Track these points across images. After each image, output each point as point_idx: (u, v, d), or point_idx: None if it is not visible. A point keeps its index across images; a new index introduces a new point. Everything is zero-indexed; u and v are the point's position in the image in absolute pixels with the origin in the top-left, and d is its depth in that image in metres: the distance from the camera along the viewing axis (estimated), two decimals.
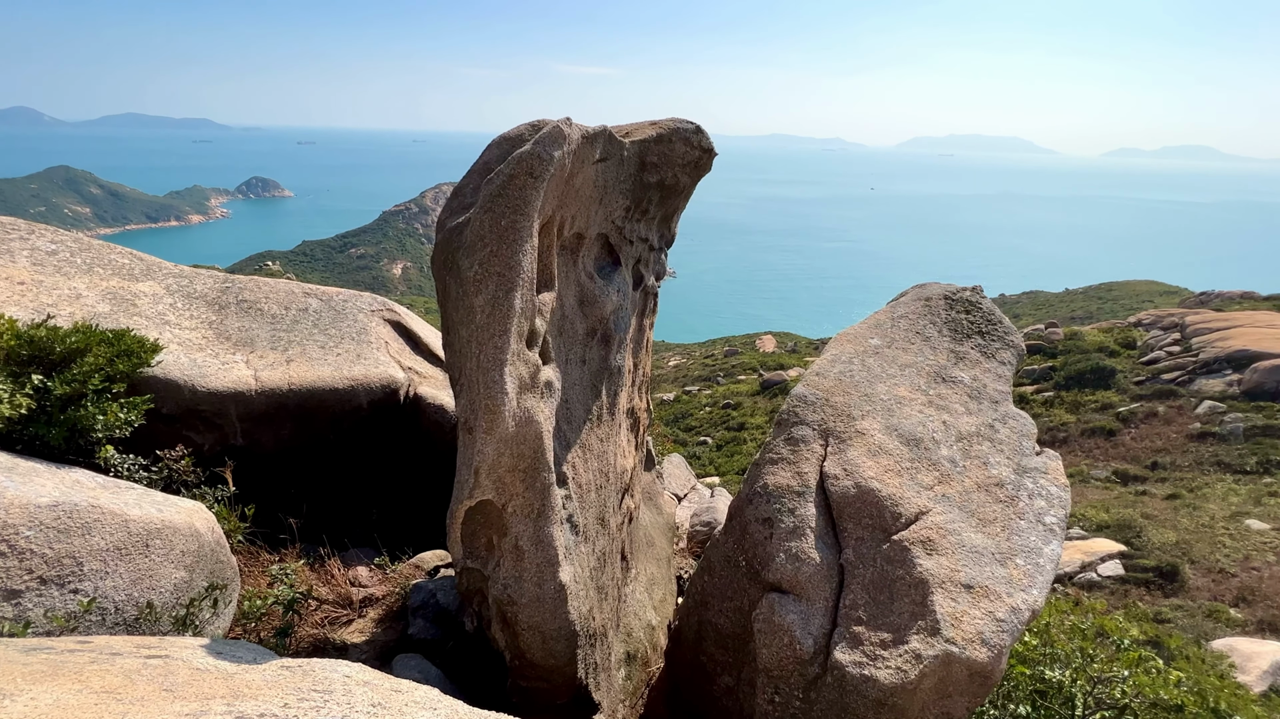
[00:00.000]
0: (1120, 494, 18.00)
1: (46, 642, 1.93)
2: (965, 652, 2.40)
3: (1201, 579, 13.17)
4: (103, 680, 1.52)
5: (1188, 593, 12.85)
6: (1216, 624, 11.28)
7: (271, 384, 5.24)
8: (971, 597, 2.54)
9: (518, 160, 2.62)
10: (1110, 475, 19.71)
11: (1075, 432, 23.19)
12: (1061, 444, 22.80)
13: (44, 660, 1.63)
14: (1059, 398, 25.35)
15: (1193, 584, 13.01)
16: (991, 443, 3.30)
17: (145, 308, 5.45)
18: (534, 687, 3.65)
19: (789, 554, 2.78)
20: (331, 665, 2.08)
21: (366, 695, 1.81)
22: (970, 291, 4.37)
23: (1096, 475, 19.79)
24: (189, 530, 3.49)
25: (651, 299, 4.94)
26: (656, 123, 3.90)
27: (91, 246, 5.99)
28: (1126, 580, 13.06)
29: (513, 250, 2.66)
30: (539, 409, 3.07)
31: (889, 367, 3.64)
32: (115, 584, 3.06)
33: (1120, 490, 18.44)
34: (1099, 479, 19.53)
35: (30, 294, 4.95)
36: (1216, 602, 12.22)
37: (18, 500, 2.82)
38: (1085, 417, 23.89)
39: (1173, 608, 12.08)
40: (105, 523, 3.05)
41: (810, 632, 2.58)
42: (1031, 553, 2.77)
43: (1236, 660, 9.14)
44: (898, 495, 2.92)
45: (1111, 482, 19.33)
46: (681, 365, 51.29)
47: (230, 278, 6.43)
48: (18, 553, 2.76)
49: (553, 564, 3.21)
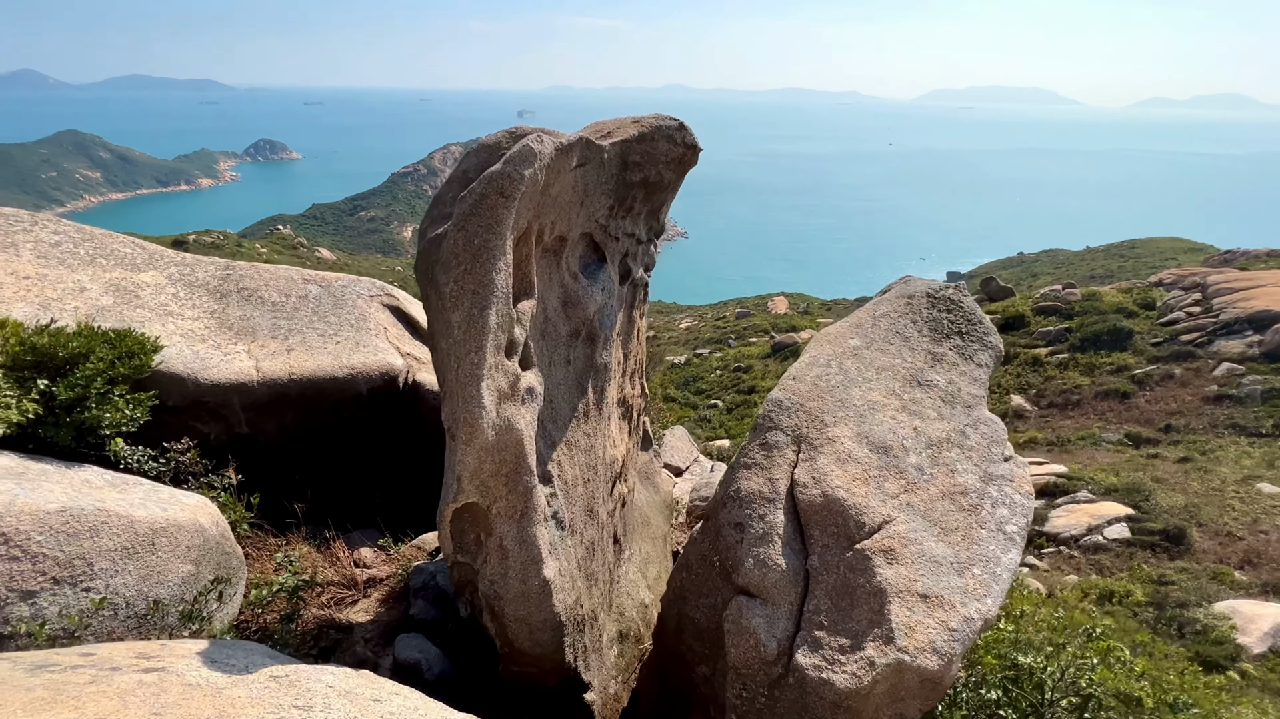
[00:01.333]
0: (1132, 457, 17.99)
1: (53, 656, 2.09)
2: (917, 660, 2.52)
3: (1208, 542, 13.27)
4: (98, 706, 1.67)
5: (1193, 555, 12.97)
6: (1220, 587, 11.41)
7: (273, 374, 5.38)
8: (927, 606, 2.65)
9: (489, 180, 2.65)
10: (1123, 438, 19.67)
11: (1089, 394, 23.06)
12: (1074, 407, 22.72)
13: (46, 683, 1.78)
14: (1074, 360, 25.11)
15: (1199, 547, 13.11)
16: (961, 449, 3.35)
17: (148, 299, 5.57)
18: (524, 671, 3.85)
19: (757, 560, 2.90)
20: (316, 674, 2.23)
21: (344, 710, 1.95)
22: (954, 289, 4.35)
23: (1109, 438, 19.76)
24: (193, 527, 3.67)
25: (641, 290, 4.97)
26: (639, 120, 3.88)
27: (94, 236, 6.09)
28: (1133, 543, 13.19)
29: (486, 269, 2.71)
30: (519, 416, 3.17)
31: (866, 370, 3.68)
32: (125, 581, 3.25)
33: (1132, 453, 18.43)
34: (1111, 442, 19.51)
35: (35, 289, 5.07)
36: (1222, 564, 12.33)
37: (28, 507, 2.98)
38: (1100, 379, 23.69)
39: (1177, 570, 12.22)
40: (112, 525, 3.22)
41: (774, 634, 2.72)
42: (989, 562, 2.85)
43: (1238, 622, 9.30)
44: (863, 504, 3.00)
45: (1124, 444, 19.31)
46: (692, 328, 51.23)
47: (231, 264, 6.53)
48: (30, 557, 2.93)
49: (536, 562, 3.35)
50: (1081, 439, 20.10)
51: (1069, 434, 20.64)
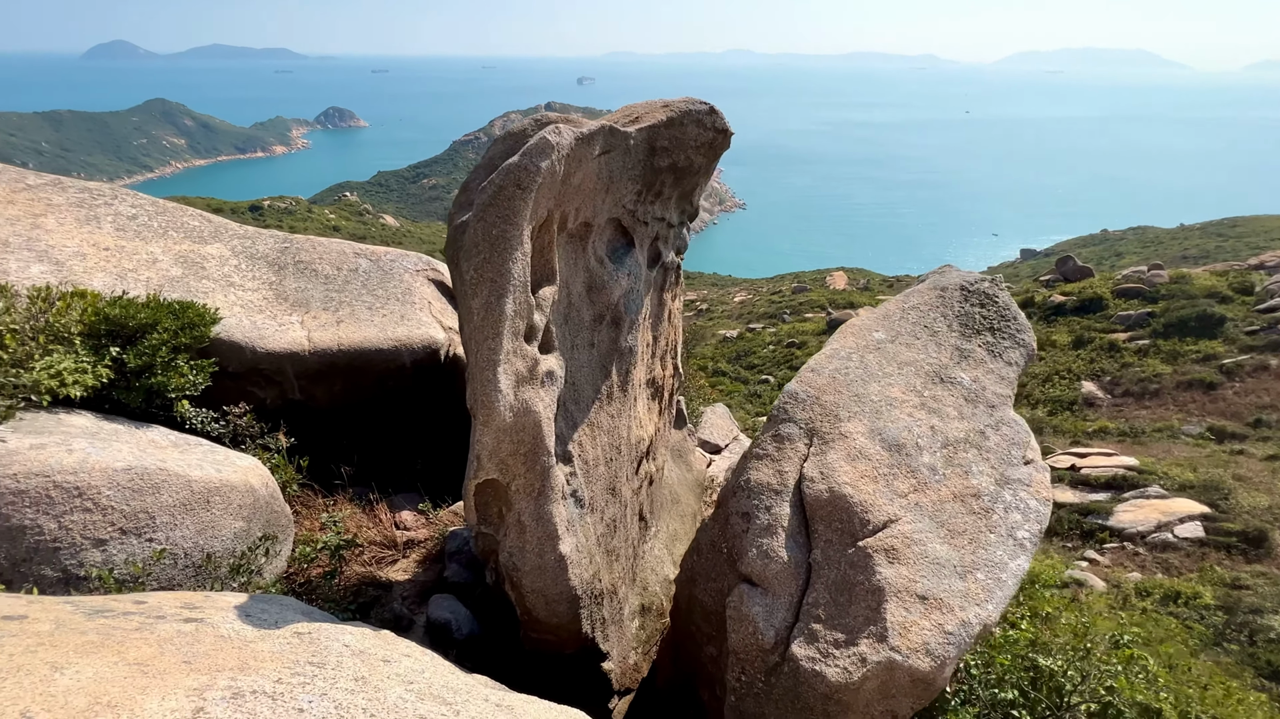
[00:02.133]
0: (1213, 453, 16.92)
1: (110, 602, 2.36)
2: (909, 660, 2.52)
3: None
4: (138, 652, 1.89)
5: (1274, 560, 12.20)
6: None
7: (323, 345, 5.69)
8: (924, 608, 2.63)
9: (506, 172, 2.72)
10: (1204, 432, 18.49)
11: (1169, 384, 21.70)
12: (1152, 396, 21.46)
13: (98, 627, 2.02)
14: (1155, 346, 23.60)
15: None
16: (979, 450, 3.26)
17: (213, 270, 5.95)
18: (543, 638, 4.04)
19: (760, 550, 2.94)
20: (336, 633, 2.44)
21: (354, 668, 2.13)
22: (989, 283, 4.15)
23: (1188, 432, 18.61)
24: (245, 487, 3.98)
25: (673, 273, 4.98)
26: (669, 104, 3.84)
27: (166, 209, 6.51)
28: (1206, 543, 12.50)
29: (503, 258, 2.80)
30: (538, 399, 3.28)
31: (887, 364, 3.60)
32: (183, 534, 3.58)
33: (1213, 449, 17.32)
34: (1190, 436, 18.38)
35: (114, 259, 5.50)
36: None
37: (99, 465, 3.31)
38: (1183, 368, 22.22)
39: (1254, 574, 11.53)
40: (171, 483, 3.54)
41: (773, 624, 2.77)
42: (995, 568, 2.80)
43: None
44: (869, 502, 2.98)
45: (1205, 439, 18.16)
46: (747, 301, 50.54)
47: (290, 238, 6.87)
48: (101, 509, 3.27)
49: (552, 538, 3.49)
50: (1158, 431, 19.00)
51: (1144, 425, 19.53)
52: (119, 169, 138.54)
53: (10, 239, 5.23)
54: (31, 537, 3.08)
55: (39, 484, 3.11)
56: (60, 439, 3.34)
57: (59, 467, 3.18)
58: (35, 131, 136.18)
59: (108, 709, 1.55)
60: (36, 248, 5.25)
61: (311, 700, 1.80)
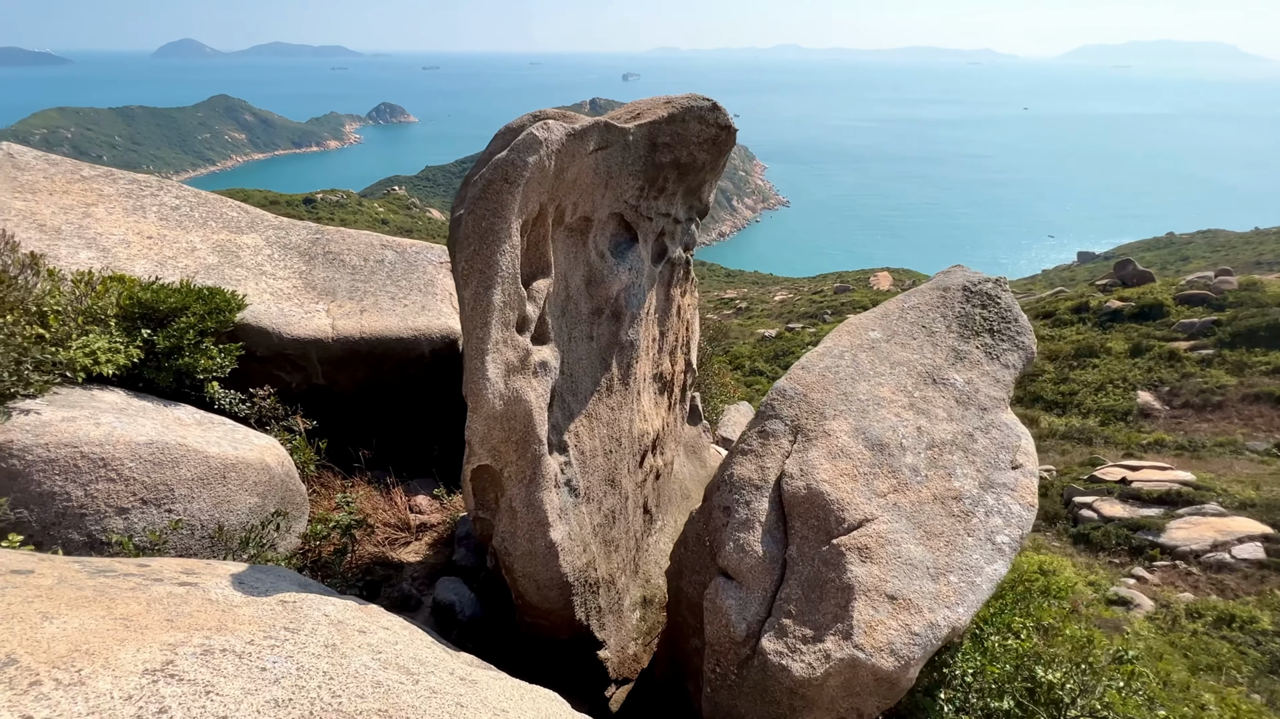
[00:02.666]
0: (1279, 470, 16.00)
1: (115, 564, 2.54)
2: (872, 659, 2.50)
3: None
4: (126, 608, 2.04)
5: None
6: None
7: (346, 332, 5.91)
8: (893, 607, 2.60)
9: (494, 166, 2.80)
10: (1272, 448, 17.48)
11: (1234, 396, 20.58)
12: (1215, 409, 20.39)
13: (96, 585, 2.19)
14: (1220, 356, 22.39)
15: None
16: (965, 453, 3.18)
17: (247, 259, 6.25)
18: (537, 623, 4.14)
19: (736, 544, 2.95)
20: (319, 603, 2.56)
21: (328, 636, 2.25)
22: (993, 284, 4.03)
23: (1253, 448, 17.63)
24: (260, 465, 4.19)
25: (681, 269, 5.01)
26: (671, 100, 3.87)
27: (207, 200, 6.86)
28: (1266, 566, 11.85)
29: (491, 250, 2.88)
30: (529, 388, 3.36)
31: (880, 364, 3.54)
32: (200, 507, 3.80)
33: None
34: (1256, 452, 17.41)
35: (155, 248, 5.83)
36: None
37: (123, 438, 3.54)
38: (1250, 380, 21.04)
39: None
40: (190, 458, 3.76)
41: (745, 617, 2.79)
42: (969, 571, 2.74)
43: None
44: (845, 500, 2.96)
45: (1272, 455, 17.17)
46: (787, 300, 49.96)
47: (321, 229, 7.15)
48: (124, 479, 3.50)
49: (543, 525, 3.57)
50: (1219, 446, 18.07)
51: (1204, 439, 18.59)
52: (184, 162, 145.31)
53: (63, 227, 5.60)
54: (60, 502, 3.32)
55: (68, 454, 3.35)
56: (90, 413, 3.59)
57: (86, 438, 3.42)
58: (110, 126, 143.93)
59: (85, 656, 1.69)
60: (86, 235, 5.61)
61: (276, 661, 1.92)
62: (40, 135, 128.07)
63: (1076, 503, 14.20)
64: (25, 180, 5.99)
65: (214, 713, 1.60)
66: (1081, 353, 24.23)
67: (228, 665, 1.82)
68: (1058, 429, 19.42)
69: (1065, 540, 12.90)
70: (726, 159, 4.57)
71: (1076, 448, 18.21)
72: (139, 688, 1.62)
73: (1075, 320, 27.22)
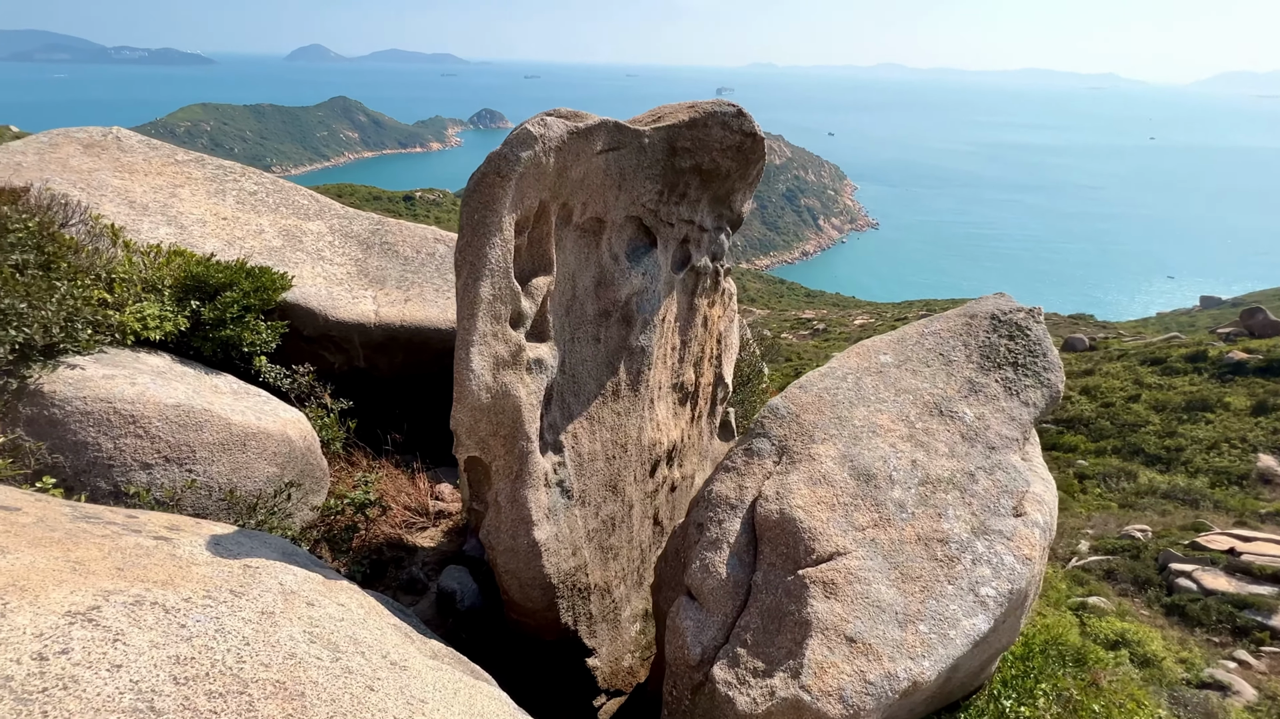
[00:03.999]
0: None
1: (105, 512, 2.71)
2: (817, 703, 2.29)
3: None
4: (83, 553, 2.17)
5: None
6: None
7: (388, 319, 6.15)
8: (849, 651, 2.37)
9: (488, 160, 2.82)
10: None
11: None
12: None
13: (71, 530, 2.34)
14: None
15: None
16: (961, 493, 2.88)
17: (308, 244, 6.63)
18: (522, 620, 4.12)
19: (702, 563, 2.81)
20: (280, 571, 2.64)
21: (268, 604, 2.31)
22: (1025, 314, 3.65)
23: None
24: (281, 436, 4.40)
25: (708, 279, 4.89)
26: (695, 105, 3.79)
27: (283, 188, 7.34)
28: None
29: (482, 243, 2.90)
30: (519, 384, 3.36)
31: (884, 389, 3.28)
32: (219, 470, 4.02)
33: None
34: None
35: (228, 228, 6.28)
36: None
37: (153, 399, 3.80)
38: None
39: None
40: (213, 423, 3.99)
41: (701, 641, 2.64)
42: (943, 622, 2.45)
43: None
44: (819, 530, 2.75)
45: None
46: (868, 325, 48.33)
47: (382, 220, 7.49)
48: (150, 437, 3.75)
49: (526, 523, 3.56)
50: None
51: None
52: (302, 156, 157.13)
53: (150, 204, 6.13)
54: (91, 453, 3.60)
55: (102, 409, 3.63)
56: (129, 373, 3.88)
57: (120, 396, 3.69)
58: (242, 122, 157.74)
59: (18, 591, 1.80)
60: (169, 213, 6.11)
61: (200, 621, 1.98)
62: (184, 128, 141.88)
63: (1173, 569, 12.86)
64: (126, 161, 6.60)
65: (111, 660, 1.66)
66: (1194, 406, 21.99)
67: (149, 618, 1.89)
68: (1159, 486, 17.66)
69: (1156, 610, 11.70)
70: (758, 169, 4.44)
71: (1179, 509, 16.51)
72: (53, 627, 1.70)
73: (1189, 370, 24.80)
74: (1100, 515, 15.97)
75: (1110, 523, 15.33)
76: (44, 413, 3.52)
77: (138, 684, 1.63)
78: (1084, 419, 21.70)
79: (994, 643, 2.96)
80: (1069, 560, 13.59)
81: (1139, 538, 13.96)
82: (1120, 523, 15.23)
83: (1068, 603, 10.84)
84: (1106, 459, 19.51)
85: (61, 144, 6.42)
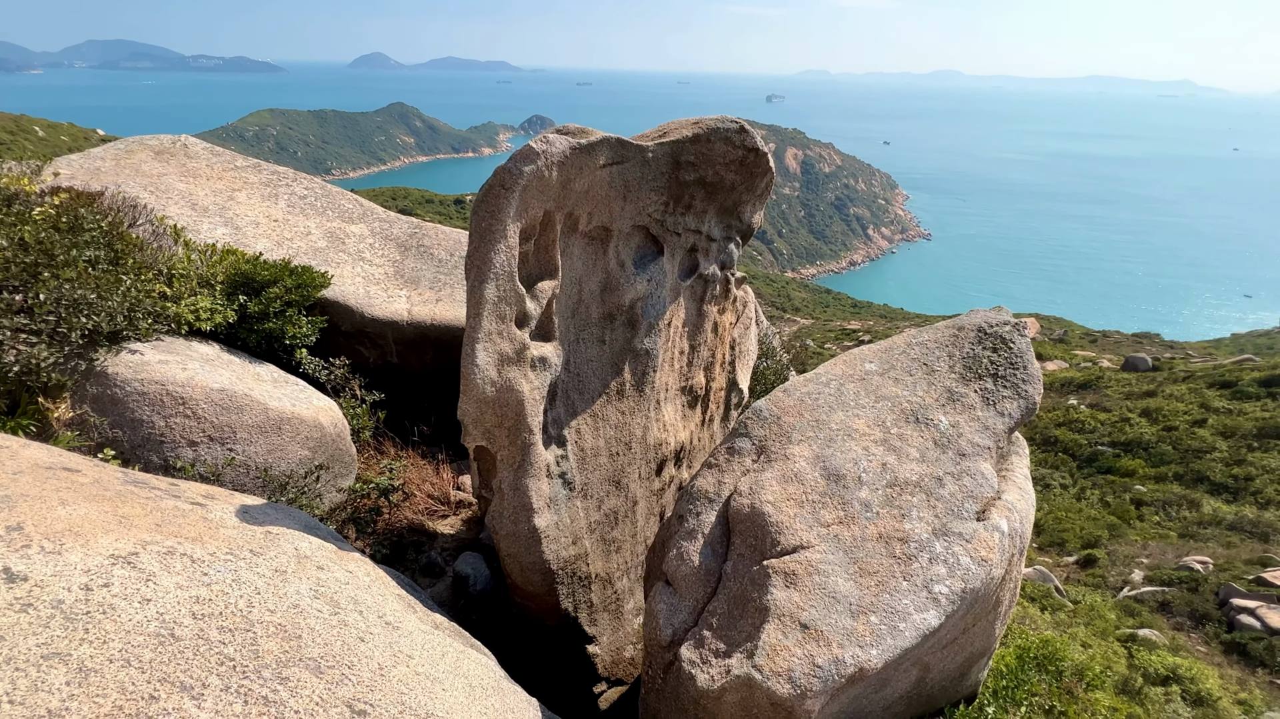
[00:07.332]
0: None
1: (154, 479, 3.08)
2: (768, 682, 2.44)
3: None
4: (129, 510, 2.51)
5: None
6: None
7: (419, 318, 6.54)
8: (802, 636, 2.51)
9: (495, 173, 3.10)
10: None
11: None
12: None
13: (120, 492, 2.70)
14: None
15: None
16: (927, 496, 2.96)
17: (350, 245, 7.09)
18: (524, 603, 4.38)
19: (679, 552, 2.99)
20: (296, 538, 2.95)
21: (282, 563, 2.61)
22: (1010, 327, 3.69)
23: None
24: (313, 423, 4.78)
25: (716, 286, 5.08)
26: (699, 121, 4.00)
27: (330, 193, 7.85)
28: None
29: (488, 248, 3.18)
30: (523, 380, 3.62)
31: (864, 396, 3.40)
32: (256, 450, 4.41)
33: None
34: None
35: (278, 230, 6.78)
36: None
37: (200, 383, 4.21)
38: None
39: None
40: (252, 408, 4.38)
41: (672, 623, 2.82)
42: (893, 614, 2.56)
43: None
44: (785, 524, 2.89)
45: None
46: None
47: (420, 224, 7.93)
48: (196, 418, 4.16)
49: (527, 510, 3.81)
50: None
51: None
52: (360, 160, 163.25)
53: (209, 206, 6.68)
54: (146, 429, 4.03)
55: (156, 390, 4.06)
56: (181, 360, 4.31)
57: (173, 379, 4.11)
58: (305, 126, 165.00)
59: (73, 535, 2.13)
60: (225, 214, 6.65)
61: (220, 571, 2.28)
62: (253, 132, 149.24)
63: (1234, 605, 12.10)
64: (191, 167, 7.20)
65: (143, 595, 1.97)
66: (1266, 433, 20.67)
67: (178, 565, 2.20)
68: (1224, 517, 16.68)
69: (1214, 647, 11.09)
70: (765, 182, 4.60)
71: (1246, 542, 15.58)
72: (99, 565, 2.03)
73: (1263, 395, 23.30)
74: (1157, 544, 15.21)
75: (1168, 553, 14.60)
76: (107, 392, 3.95)
77: (163, 616, 1.93)
78: (1143, 442, 20.68)
79: (965, 645, 3.05)
80: (1120, 589, 13.00)
81: (1199, 570, 13.24)
82: (1179, 553, 14.48)
83: (1116, 634, 10.40)
84: (1167, 486, 18.54)
85: (135, 150, 7.04)
